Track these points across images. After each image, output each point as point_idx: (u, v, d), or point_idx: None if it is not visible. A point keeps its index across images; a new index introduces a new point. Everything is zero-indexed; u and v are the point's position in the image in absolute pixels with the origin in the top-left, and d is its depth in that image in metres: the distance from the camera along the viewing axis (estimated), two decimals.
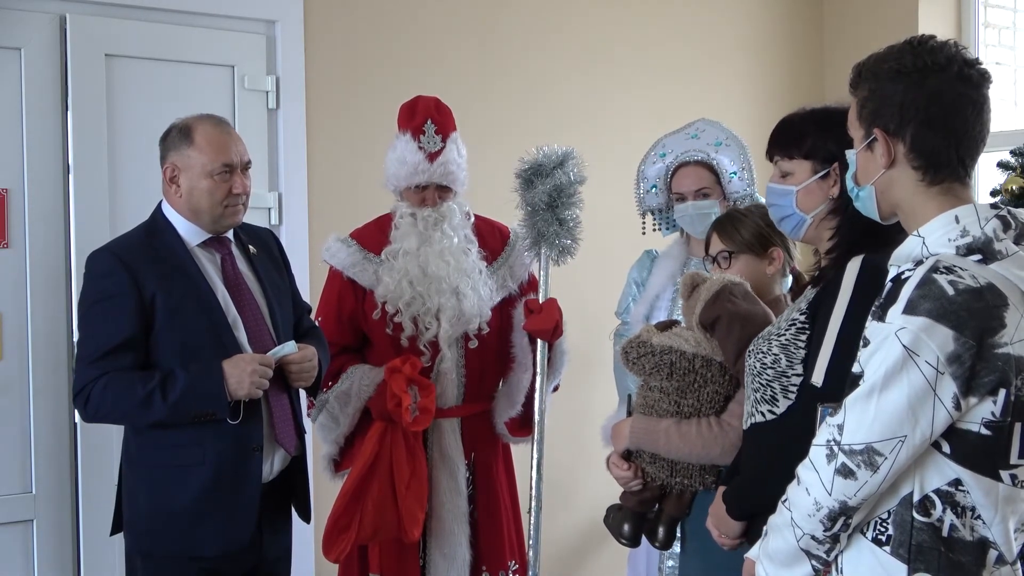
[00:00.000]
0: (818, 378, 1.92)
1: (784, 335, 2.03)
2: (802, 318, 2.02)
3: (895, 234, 1.97)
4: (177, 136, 2.63)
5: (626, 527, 2.51)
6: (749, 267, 2.49)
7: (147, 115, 3.41)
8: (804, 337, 2.00)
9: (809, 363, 1.97)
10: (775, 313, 2.36)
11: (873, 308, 1.67)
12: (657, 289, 3.21)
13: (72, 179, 3.32)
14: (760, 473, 2.06)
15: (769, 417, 2.04)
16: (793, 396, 2.00)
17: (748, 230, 2.49)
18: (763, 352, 2.06)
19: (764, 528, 1.88)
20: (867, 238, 1.99)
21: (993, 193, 3.66)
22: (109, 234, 3.18)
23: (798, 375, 2.00)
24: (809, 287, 2.10)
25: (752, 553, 1.95)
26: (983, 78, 1.71)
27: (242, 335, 2.63)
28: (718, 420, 2.36)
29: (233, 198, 2.64)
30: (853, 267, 1.95)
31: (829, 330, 1.93)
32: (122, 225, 3.20)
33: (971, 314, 1.58)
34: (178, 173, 2.62)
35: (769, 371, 2.03)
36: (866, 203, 1.80)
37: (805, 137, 2.10)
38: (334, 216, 3.64)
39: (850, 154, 1.80)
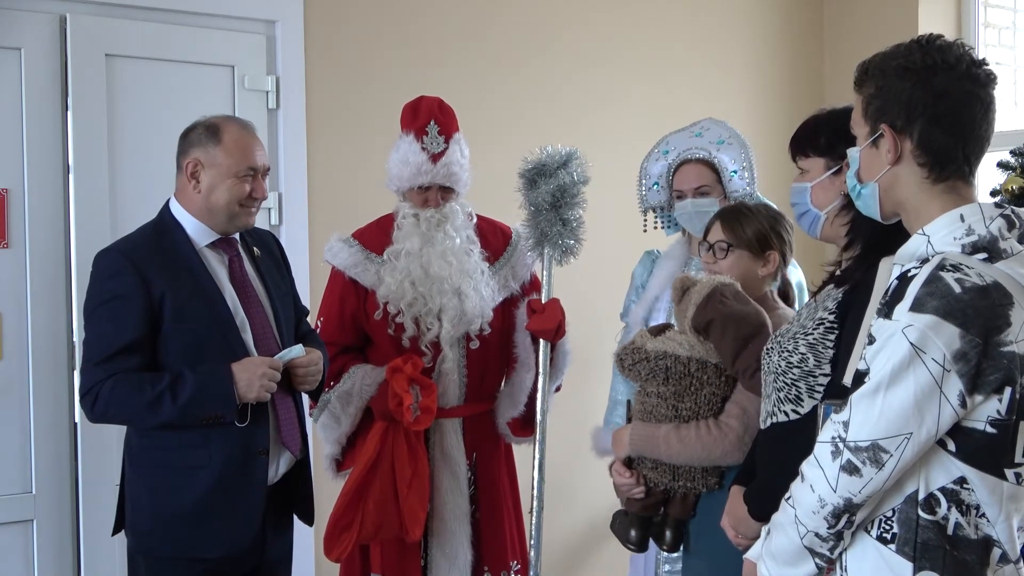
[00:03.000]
0: (848, 379, 1.91)
1: (812, 334, 2.02)
2: (831, 318, 2.01)
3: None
4: (203, 133, 2.62)
5: (633, 532, 2.52)
6: (742, 264, 2.49)
7: (147, 115, 3.42)
8: (833, 337, 1.99)
9: (839, 364, 1.95)
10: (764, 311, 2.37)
11: (879, 306, 1.67)
12: (656, 291, 3.20)
13: (72, 179, 3.32)
14: (783, 473, 2.04)
15: (793, 417, 2.03)
16: (819, 396, 1.99)
17: (752, 227, 2.49)
18: (789, 351, 2.04)
19: (764, 527, 1.88)
20: (888, 238, 1.99)
21: (993, 193, 3.67)
22: (109, 234, 3.18)
23: (825, 375, 1.98)
24: (832, 286, 2.09)
25: (752, 554, 1.95)
26: (989, 78, 1.72)
27: (248, 337, 2.63)
28: (716, 422, 2.36)
29: (250, 201, 2.64)
30: (885, 268, 1.95)
31: (861, 331, 1.91)
32: (122, 225, 3.20)
33: (977, 312, 1.58)
34: (200, 169, 2.61)
35: (795, 370, 2.02)
36: (868, 201, 1.80)
37: (819, 135, 2.13)
38: (334, 216, 3.64)
39: (853, 151, 1.81)
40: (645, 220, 3.33)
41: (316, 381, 2.73)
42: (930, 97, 1.69)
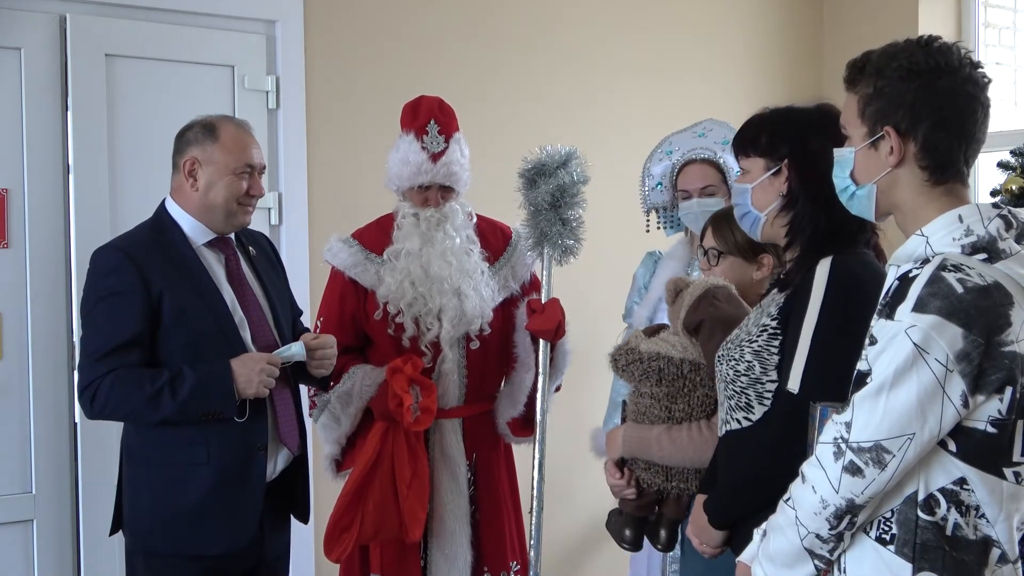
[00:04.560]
0: (794, 384, 1.92)
1: (756, 341, 2.03)
2: (773, 323, 2.02)
3: (856, 234, 1.98)
4: (200, 132, 2.63)
5: (627, 532, 2.52)
6: (735, 270, 2.48)
7: (147, 115, 3.42)
8: (777, 343, 1.99)
9: (783, 369, 1.96)
10: None
11: (879, 307, 1.67)
12: (660, 291, 3.18)
13: (72, 179, 3.32)
14: (739, 481, 2.05)
15: (745, 424, 2.04)
16: (769, 402, 2.00)
17: (742, 233, 2.47)
18: (735, 359, 2.05)
19: (758, 530, 1.88)
20: (828, 239, 1.99)
21: (993, 193, 3.67)
22: (109, 234, 3.18)
23: (773, 381, 1.99)
24: (776, 291, 2.09)
25: (746, 556, 1.95)
26: (987, 81, 1.72)
27: (247, 335, 2.63)
28: (708, 424, 2.36)
29: (248, 198, 2.65)
30: (823, 269, 1.95)
31: (803, 335, 1.92)
32: (122, 225, 3.20)
33: (979, 312, 1.58)
34: (198, 167, 2.62)
35: (743, 378, 2.03)
36: (862, 202, 1.78)
37: (760, 136, 2.11)
38: (334, 216, 3.64)
39: (846, 152, 1.79)
40: (648, 220, 3.34)
41: (331, 365, 2.74)
42: (936, 101, 1.68)
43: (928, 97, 1.68)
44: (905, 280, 1.64)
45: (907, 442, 1.61)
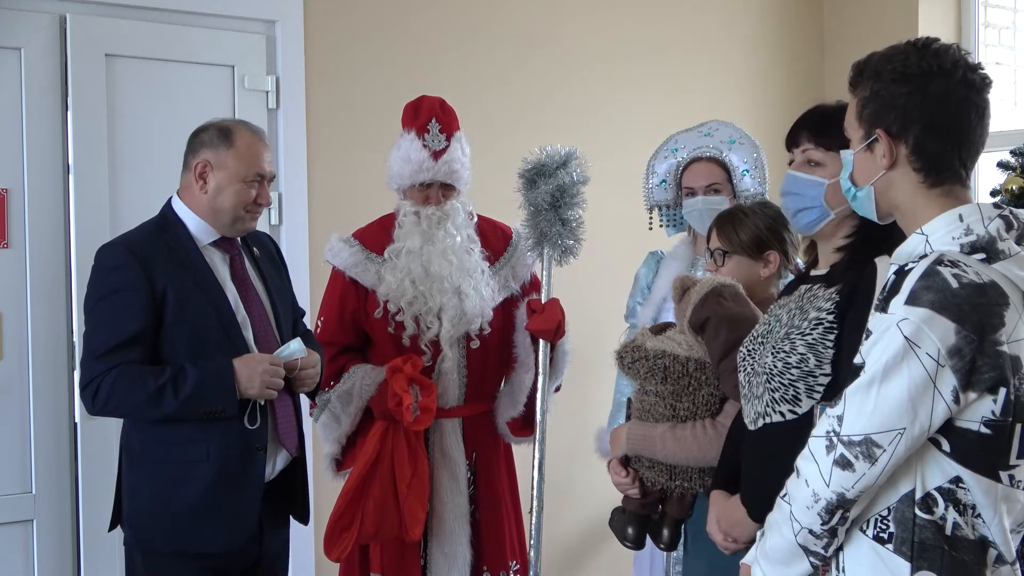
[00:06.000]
0: None
1: (810, 335, 1.97)
2: (830, 318, 1.96)
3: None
4: (216, 135, 2.63)
5: (630, 530, 2.52)
6: (742, 268, 2.48)
7: (147, 115, 3.42)
8: (832, 337, 1.94)
9: (840, 364, 1.91)
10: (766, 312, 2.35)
11: (876, 300, 1.67)
12: (664, 291, 3.18)
13: (72, 179, 3.32)
14: (783, 475, 2.02)
15: (789, 417, 1.99)
16: (818, 396, 1.96)
17: (746, 232, 2.47)
18: (786, 352, 1.99)
19: (759, 531, 1.87)
20: (883, 239, 1.97)
21: (993, 193, 3.66)
22: (109, 234, 3.18)
23: (826, 375, 1.95)
24: (823, 286, 2.03)
25: (749, 558, 1.94)
26: (985, 83, 1.71)
27: (249, 335, 2.64)
28: (713, 423, 2.35)
29: (255, 207, 2.66)
30: (883, 266, 1.92)
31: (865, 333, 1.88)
32: (122, 225, 3.20)
33: (973, 308, 1.57)
34: (209, 171, 2.62)
35: (794, 371, 1.97)
36: (864, 203, 1.79)
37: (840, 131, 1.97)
38: (334, 216, 3.64)
39: (847, 154, 1.79)
40: (651, 217, 3.33)
41: (314, 383, 2.75)
42: (926, 103, 1.68)
43: (919, 100, 1.68)
44: (901, 274, 1.64)
45: (898, 436, 1.60)
